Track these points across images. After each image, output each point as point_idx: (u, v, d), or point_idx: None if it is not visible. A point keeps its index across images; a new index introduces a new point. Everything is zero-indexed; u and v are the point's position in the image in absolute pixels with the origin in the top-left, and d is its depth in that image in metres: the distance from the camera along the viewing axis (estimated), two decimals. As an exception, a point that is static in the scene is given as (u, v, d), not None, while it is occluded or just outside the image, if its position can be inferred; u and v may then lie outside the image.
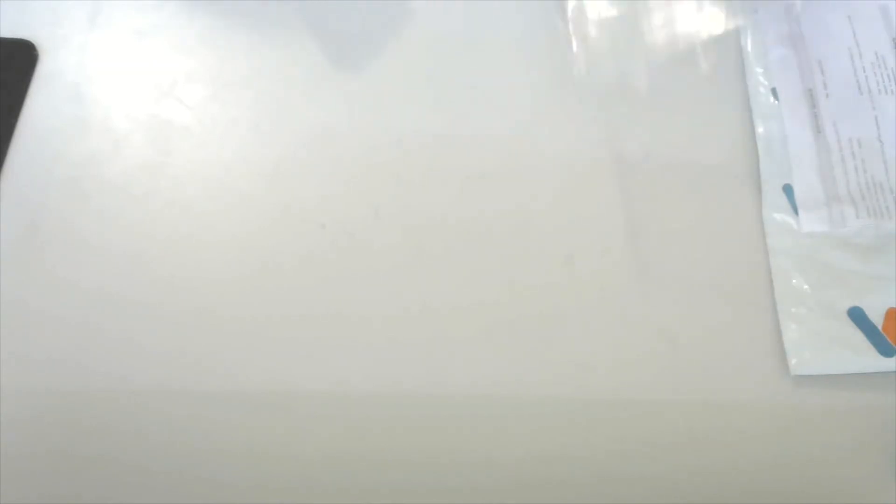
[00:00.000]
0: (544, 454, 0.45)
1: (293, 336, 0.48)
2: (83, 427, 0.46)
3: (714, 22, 0.60)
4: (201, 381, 0.47)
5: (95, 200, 0.52)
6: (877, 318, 0.48)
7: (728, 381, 0.47)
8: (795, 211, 0.52)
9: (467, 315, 0.49)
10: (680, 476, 0.45)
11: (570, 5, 0.60)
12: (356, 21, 0.58)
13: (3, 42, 0.55)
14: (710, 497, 0.45)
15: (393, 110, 0.55)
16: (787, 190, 0.53)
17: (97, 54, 0.55)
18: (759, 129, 0.55)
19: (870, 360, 0.47)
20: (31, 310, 0.48)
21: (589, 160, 0.54)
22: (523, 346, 0.48)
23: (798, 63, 0.57)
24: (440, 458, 0.45)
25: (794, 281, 0.50)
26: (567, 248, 0.51)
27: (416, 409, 0.46)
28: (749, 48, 0.58)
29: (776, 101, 0.56)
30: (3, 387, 0.46)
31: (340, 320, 0.48)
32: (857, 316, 0.48)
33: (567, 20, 0.59)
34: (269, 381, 0.47)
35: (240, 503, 0.44)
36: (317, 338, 0.48)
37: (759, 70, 0.57)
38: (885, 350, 0.47)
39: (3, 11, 0.57)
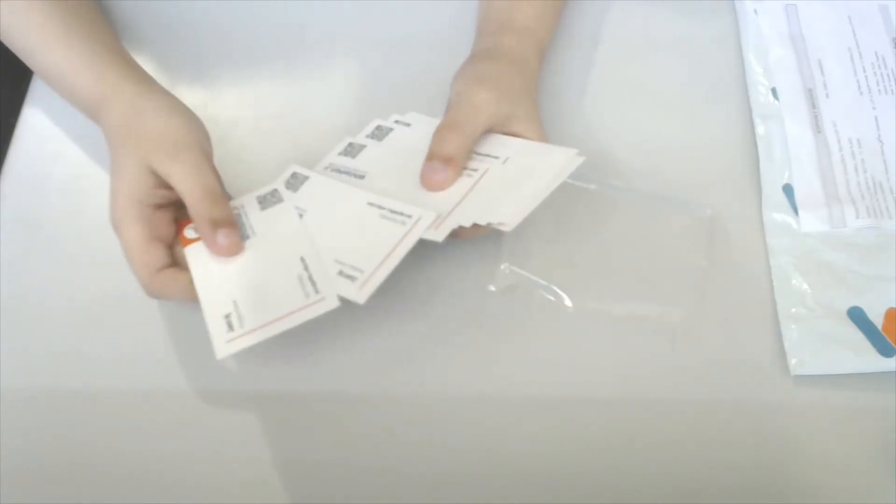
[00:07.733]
0: (545, 453, 0.45)
1: (296, 336, 0.48)
2: (83, 427, 0.46)
3: (714, 22, 0.60)
4: (202, 381, 0.47)
5: (95, 199, 0.52)
6: (877, 318, 0.48)
7: (728, 381, 0.47)
8: (795, 211, 0.52)
9: (467, 316, 0.49)
10: (680, 475, 0.45)
11: None
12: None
13: (4, 42, 0.55)
14: (710, 497, 0.44)
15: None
16: (787, 190, 0.53)
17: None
18: (759, 130, 0.55)
19: (870, 360, 0.47)
20: (31, 309, 0.48)
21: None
22: (523, 346, 0.48)
23: (798, 63, 0.57)
24: (440, 458, 0.45)
25: (794, 281, 0.50)
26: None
27: (416, 408, 0.46)
28: (749, 48, 0.58)
29: (776, 101, 0.56)
30: (3, 387, 0.46)
31: (341, 320, 0.49)
32: (857, 316, 0.48)
33: None
34: (270, 382, 0.47)
35: (239, 503, 0.44)
36: (316, 338, 0.48)
37: (759, 70, 0.57)
38: (885, 350, 0.47)
39: (3, 11, 0.56)
